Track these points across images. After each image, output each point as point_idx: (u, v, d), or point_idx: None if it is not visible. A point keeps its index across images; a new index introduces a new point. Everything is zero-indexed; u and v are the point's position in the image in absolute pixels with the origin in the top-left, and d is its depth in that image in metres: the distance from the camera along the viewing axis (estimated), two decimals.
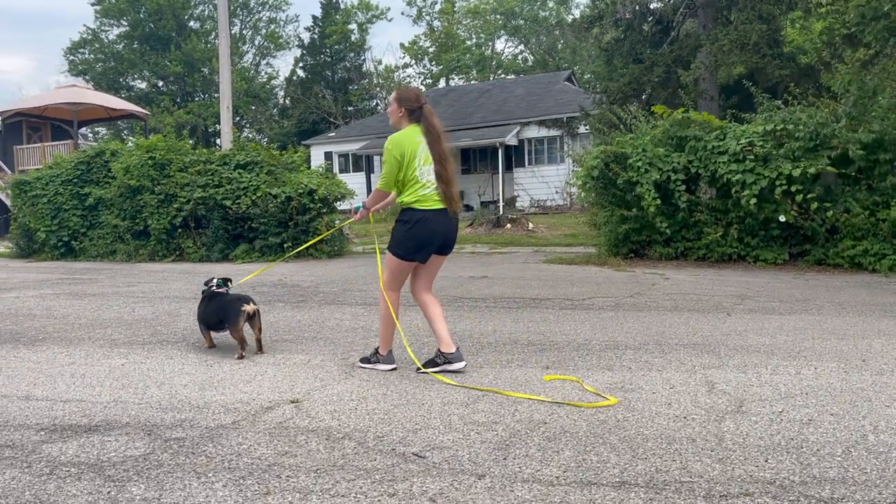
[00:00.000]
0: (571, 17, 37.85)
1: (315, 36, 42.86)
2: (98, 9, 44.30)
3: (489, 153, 26.00)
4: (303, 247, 8.89)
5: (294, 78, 44.62)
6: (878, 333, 5.34)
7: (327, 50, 42.43)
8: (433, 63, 46.67)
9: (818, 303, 6.85)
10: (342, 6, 43.94)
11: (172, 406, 3.70)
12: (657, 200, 9.93)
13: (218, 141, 38.37)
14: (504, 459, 2.86)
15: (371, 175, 27.06)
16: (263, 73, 49.23)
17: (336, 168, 27.77)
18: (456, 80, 45.25)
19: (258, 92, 45.67)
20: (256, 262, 12.30)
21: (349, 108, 41.23)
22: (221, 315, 4.90)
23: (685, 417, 3.37)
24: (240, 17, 47.06)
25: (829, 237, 9.64)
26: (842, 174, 9.57)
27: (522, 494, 2.53)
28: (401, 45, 48.10)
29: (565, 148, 23.46)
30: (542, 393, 3.82)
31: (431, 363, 4.31)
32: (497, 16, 45.90)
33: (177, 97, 44.94)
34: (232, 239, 13.24)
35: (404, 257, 4.25)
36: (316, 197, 12.80)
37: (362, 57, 44.17)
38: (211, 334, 5.16)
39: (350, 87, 42.27)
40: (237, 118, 40.99)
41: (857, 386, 3.89)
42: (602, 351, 4.86)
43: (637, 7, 19.67)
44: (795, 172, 9.15)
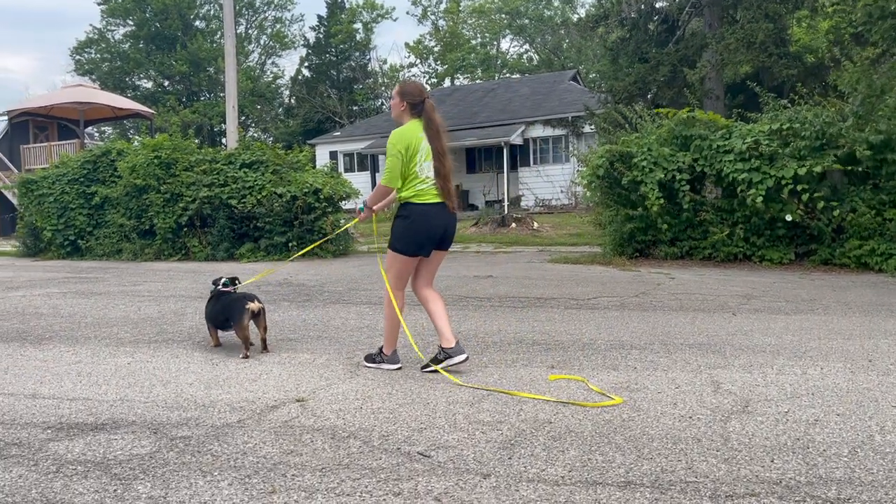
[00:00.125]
0: (577, 17, 37.80)
1: (320, 35, 42.94)
2: (104, 8, 44.43)
3: (494, 152, 25.96)
4: (309, 248, 8.89)
5: (299, 77, 44.76)
6: (885, 333, 5.32)
7: (332, 49, 42.50)
8: (438, 62, 46.68)
9: (824, 303, 6.82)
10: (347, 6, 43.98)
11: (178, 405, 3.71)
12: (661, 200, 9.91)
13: (223, 140, 38.50)
14: (509, 459, 2.86)
15: (376, 174, 27.06)
16: (269, 73, 49.40)
17: (341, 167, 27.80)
18: (461, 80, 45.22)
19: (264, 91, 45.77)
20: (262, 262, 12.32)
21: (354, 108, 41.28)
22: (227, 313, 4.92)
23: (691, 417, 3.36)
24: (245, 17, 47.14)
25: (836, 237, 9.61)
26: (848, 172, 9.54)
27: (527, 494, 2.53)
28: (406, 45, 48.07)
29: (570, 147, 23.44)
30: (548, 392, 3.82)
31: (434, 361, 4.31)
32: (502, 15, 45.80)
33: (182, 97, 45.04)
34: (237, 238, 13.27)
35: (406, 252, 4.24)
36: (321, 196, 12.82)
37: (367, 56, 44.28)
38: (217, 333, 5.18)
39: (355, 87, 42.32)
40: (243, 117, 41.01)
41: (864, 386, 3.87)
42: (607, 351, 4.86)
43: (642, 6, 19.63)
44: (801, 171, 9.13)
